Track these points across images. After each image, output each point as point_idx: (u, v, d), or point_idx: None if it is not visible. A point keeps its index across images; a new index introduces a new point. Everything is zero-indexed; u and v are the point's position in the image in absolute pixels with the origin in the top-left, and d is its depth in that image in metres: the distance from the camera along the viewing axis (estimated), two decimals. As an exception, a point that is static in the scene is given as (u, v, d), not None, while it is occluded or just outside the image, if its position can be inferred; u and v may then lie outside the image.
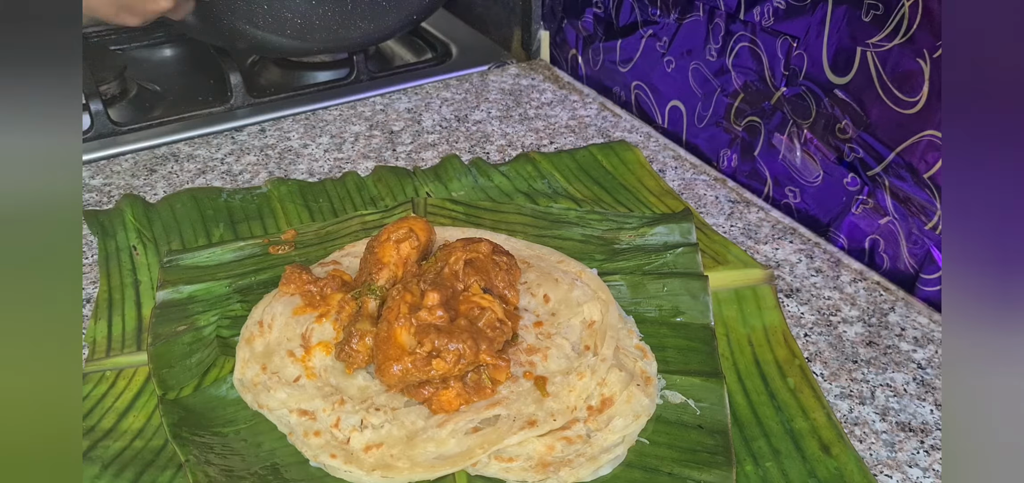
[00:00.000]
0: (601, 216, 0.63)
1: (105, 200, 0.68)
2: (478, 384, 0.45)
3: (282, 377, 0.47)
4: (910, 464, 0.43)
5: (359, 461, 0.42)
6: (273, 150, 0.75)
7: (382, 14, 0.82)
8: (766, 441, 0.44)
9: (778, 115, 0.66)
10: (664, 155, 0.74)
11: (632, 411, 0.45)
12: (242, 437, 0.45)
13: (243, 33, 0.79)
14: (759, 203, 0.67)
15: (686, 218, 0.61)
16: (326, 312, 0.50)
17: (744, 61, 0.68)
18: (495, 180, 0.69)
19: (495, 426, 0.43)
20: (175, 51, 1.01)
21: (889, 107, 0.56)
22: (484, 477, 0.42)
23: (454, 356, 0.44)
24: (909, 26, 0.53)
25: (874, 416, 0.46)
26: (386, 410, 0.44)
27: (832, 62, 0.59)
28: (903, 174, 0.56)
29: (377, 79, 0.90)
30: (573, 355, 0.48)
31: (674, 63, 0.76)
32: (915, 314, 0.54)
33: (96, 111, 0.77)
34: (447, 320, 0.45)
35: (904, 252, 0.57)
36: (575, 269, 0.55)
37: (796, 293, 0.56)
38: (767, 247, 0.61)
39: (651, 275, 0.55)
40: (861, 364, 0.50)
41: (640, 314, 0.53)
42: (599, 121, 0.81)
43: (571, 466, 0.42)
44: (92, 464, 0.43)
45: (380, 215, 0.63)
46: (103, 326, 0.53)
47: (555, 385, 0.46)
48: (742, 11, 0.67)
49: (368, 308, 0.49)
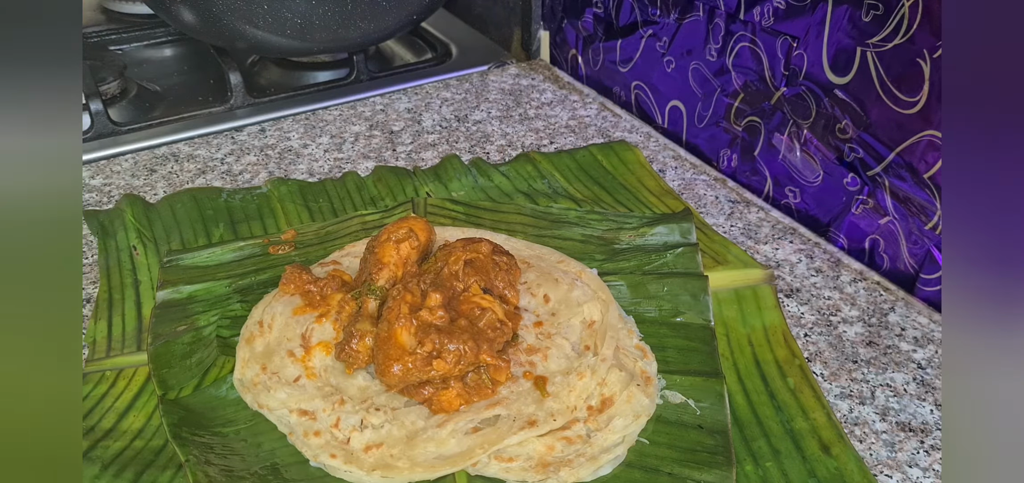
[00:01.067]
0: (601, 216, 0.63)
1: (105, 200, 0.68)
2: (478, 384, 0.45)
3: (282, 377, 0.47)
4: (910, 464, 0.43)
5: (359, 461, 0.42)
6: (273, 150, 0.75)
7: (382, 14, 0.82)
8: (766, 441, 0.44)
9: (778, 115, 0.66)
10: (664, 155, 0.74)
11: (632, 411, 0.45)
12: (242, 437, 0.45)
13: (243, 33, 0.79)
14: (759, 203, 0.67)
15: (686, 218, 0.61)
16: (326, 312, 0.50)
17: (744, 61, 0.68)
18: (495, 180, 0.69)
19: (495, 426, 0.43)
20: (175, 51, 1.01)
21: (889, 107, 0.56)
22: (484, 477, 0.42)
23: (454, 356, 0.44)
24: (909, 26, 0.53)
25: (874, 416, 0.46)
26: (386, 410, 0.44)
27: (832, 62, 0.59)
28: (903, 174, 0.56)
29: (377, 79, 0.90)
30: (573, 355, 0.48)
31: (674, 63, 0.76)
32: (915, 314, 0.54)
33: (96, 111, 0.77)
34: (447, 320, 0.45)
35: (904, 252, 0.57)
36: (575, 269, 0.55)
37: (796, 293, 0.56)
38: (767, 247, 0.61)
39: (651, 275, 0.55)
40: (861, 364, 0.50)
41: (640, 314, 0.53)
42: (599, 121, 0.81)
43: (571, 466, 0.42)
44: (92, 464, 0.43)
45: (380, 215, 0.63)
46: (103, 326, 0.53)
47: (555, 385, 0.46)
48: (742, 11, 0.67)
49: (368, 308, 0.49)
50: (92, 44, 0.98)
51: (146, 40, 1.00)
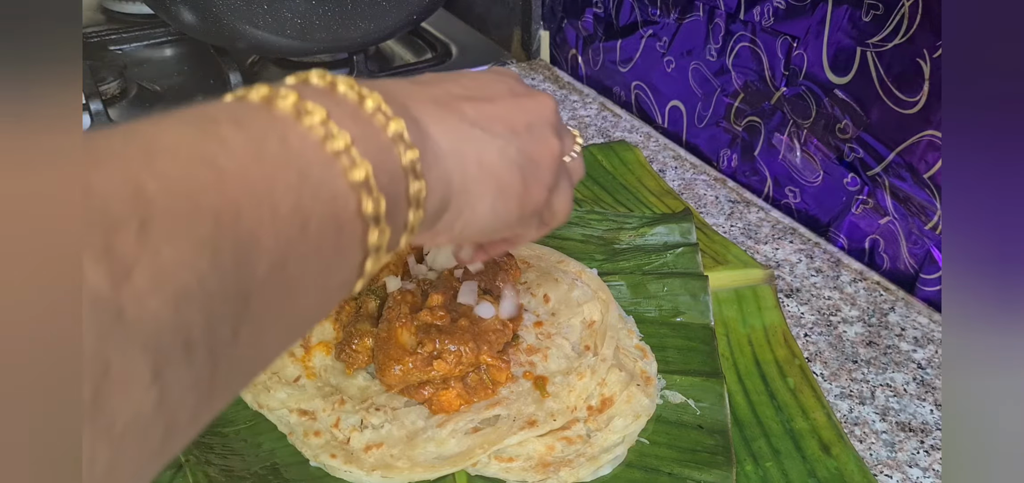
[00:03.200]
0: (601, 216, 0.63)
1: (105, 200, 0.67)
2: (479, 384, 0.45)
3: (282, 377, 0.47)
4: (910, 464, 0.43)
5: (359, 461, 0.42)
6: (273, 150, 0.75)
7: (382, 14, 0.82)
8: (766, 441, 0.44)
9: (778, 115, 0.66)
10: (664, 155, 0.74)
11: (632, 411, 0.45)
12: (242, 437, 0.45)
13: (243, 33, 0.79)
14: (759, 203, 0.67)
15: (686, 218, 0.61)
16: (326, 312, 0.50)
17: (744, 61, 0.68)
18: (495, 180, 0.69)
19: (495, 426, 0.43)
20: (175, 51, 1.01)
21: (889, 107, 0.56)
22: (484, 477, 0.42)
23: (455, 357, 0.44)
24: (909, 26, 0.53)
25: (874, 416, 0.46)
26: (386, 410, 0.44)
27: (832, 62, 0.59)
28: (903, 174, 0.56)
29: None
30: (573, 355, 0.48)
31: (674, 63, 0.76)
32: (915, 314, 0.54)
33: (96, 111, 0.77)
34: (448, 321, 0.45)
35: (904, 252, 0.57)
36: (575, 269, 0.55)
37: (796, 293, 0.56)
38: (767, 247, 0.61)
39: (651, 275, 0.55)
40: (861, 364, 0.50)
41: (640, 314, 0.53)
42: (599, 121, 0.81)
43: (571, 466, 0.42)
44: (92, 464, 0.42)
45: (380, 215, 0.63)
46: (103, 326, 0.53)
47: (555, 385, 0.46)
48: (742, 11, 0.66)
49: (368, 308, 0.49)
50: (92, 44, 0.98)
51: (146, 40, 1.00)
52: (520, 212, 0.33)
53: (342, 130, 0.24)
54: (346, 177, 0.24)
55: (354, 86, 0.27)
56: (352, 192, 0.24)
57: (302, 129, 0.23)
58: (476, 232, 0.32)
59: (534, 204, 0.33)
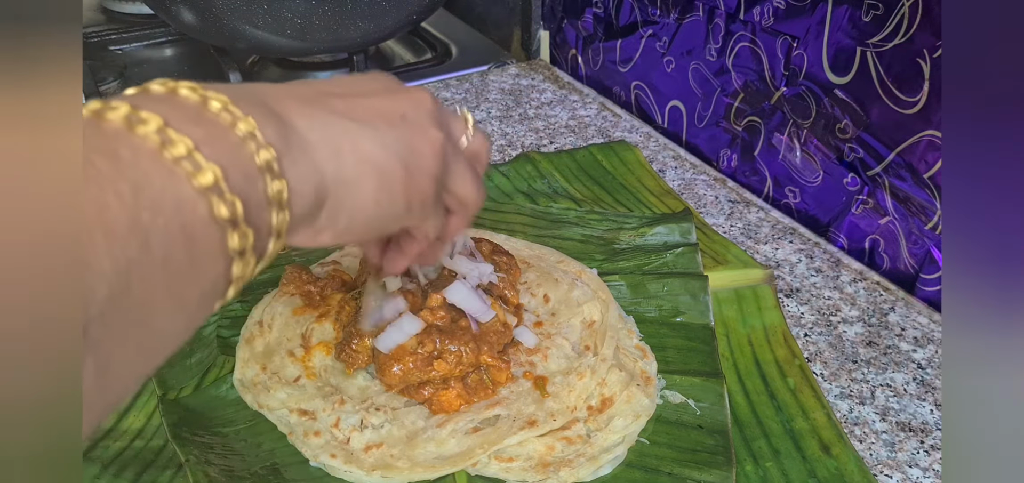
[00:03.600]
0: (601, 216, 0.63)
1: (105, 200, 0.67)
2: (479, 385, 0.45)
3: (282, 377, 0.47)
4: (910, 464, 0.43)
5: (359, 461, 0.42)
6: (273, 150, 0.75)
7: (382, 14, 0.82)
8: (766, 441, 0.44)
9: (778, 115, 0.66)
10: (664, 155, 0.74)
11: (632, 411, 0.45)
12: (242, 437, 0.45)
13: (243, 33, 0.79)
14: (759, 203, 0.67)
15: (686, 218, 0.61)
16: (326, 312, 0.50)
17: (744, 61, 0.68)
18: (495, 180, 0.69)
19: (495, 426, 0.43)
20: (175, 51, 1.01)
21: (889, 107, 0.56)
22: (484, 477, 0.42)
23: (455, 357, 0.44)
24: (909, 26, 0.53)
25: (874, 416, 0.46)
26: (386, 410, 0.44)
27: (832, 62, 0.59)
28: (903, 174, 0.56)
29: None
30: (573, 355, 0.48)
31: (674, 63, 0.76)
32: (915, 314, 0.54)
33: (96, 111, 0.77)
34: (449, 320, 0.45)
35: (904, 252, 0.57)
36: (575, 269, 0.55)
37: (796, 293, 0.56)
38: (767, 247, 0.61)
39: (651, 275, 0.55)
40: (861, 364, 0.50)
41: (640, 314, 0.53)
42: (599, 121, 0.81)
43: (571, 466, 0.42)
44: (92, 464, 0.43)
45: (380, 215, 0.63)
46: (103, 326, 0.53)
47: (555, 385, 0.46)
48: (742, 11, 0.66)
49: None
50: (92, 44, 0.98)
51: (146, 40, 1.00)
52: (407, 201, 0.32)
53: (181, 135, 0.23)
54: (190, 183, 0.23)
55: (197, 89, 0.26)
56: (200, 197, 0.23)
57: (135, 140, 0.22)
58: (362, 226, 0.30)
59: (421, 193, 0.32)
